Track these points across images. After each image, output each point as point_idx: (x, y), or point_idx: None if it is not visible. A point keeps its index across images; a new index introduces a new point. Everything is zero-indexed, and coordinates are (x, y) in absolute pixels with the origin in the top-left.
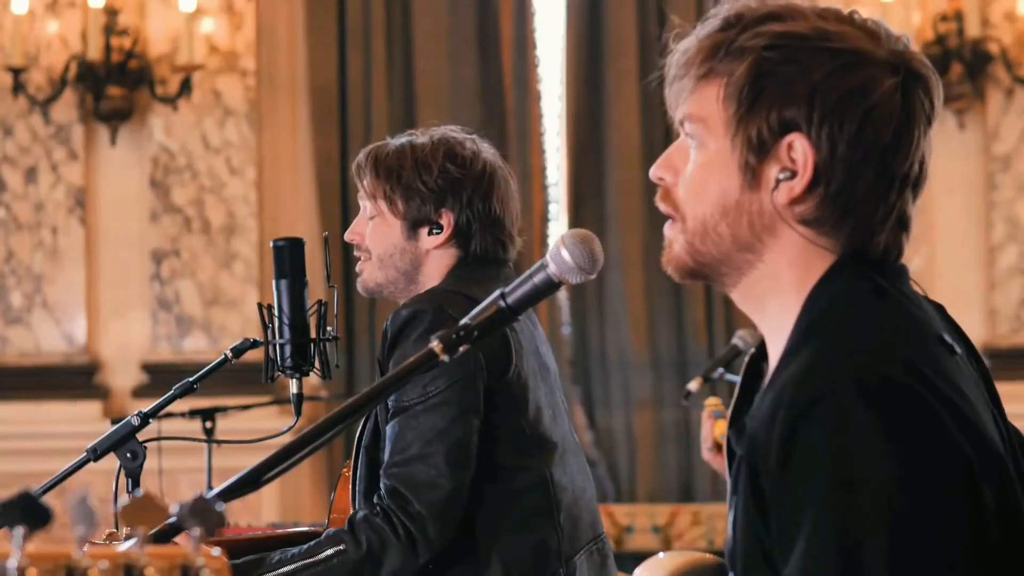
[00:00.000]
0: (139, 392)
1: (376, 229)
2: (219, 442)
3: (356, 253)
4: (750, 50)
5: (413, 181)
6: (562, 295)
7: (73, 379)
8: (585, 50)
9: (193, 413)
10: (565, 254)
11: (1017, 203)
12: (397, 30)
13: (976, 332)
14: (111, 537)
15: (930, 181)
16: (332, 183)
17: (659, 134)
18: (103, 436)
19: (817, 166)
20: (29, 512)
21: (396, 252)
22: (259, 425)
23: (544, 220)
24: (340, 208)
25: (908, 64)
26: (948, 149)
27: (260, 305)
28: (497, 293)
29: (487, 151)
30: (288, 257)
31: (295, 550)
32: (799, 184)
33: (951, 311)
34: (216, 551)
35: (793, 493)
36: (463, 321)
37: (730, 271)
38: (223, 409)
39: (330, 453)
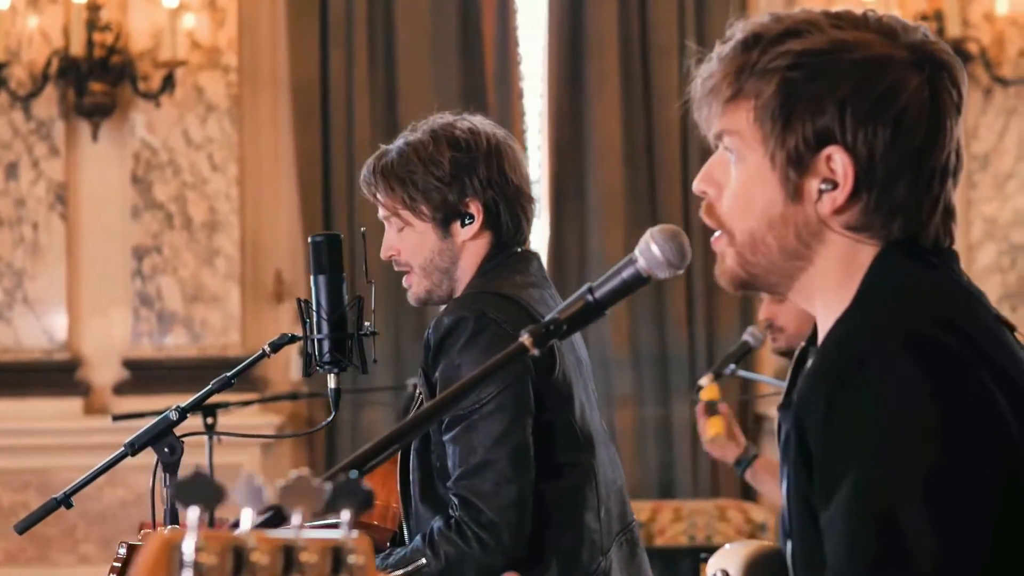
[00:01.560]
0: (120, 389)
1: (408, 240)
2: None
3: (397, 268)
4: (774, 71)
5: (428, 181)
6: None
7: (54, 375)
8: (567, 49)
9: (194, 409)
10: (655, 249)
11: (995, 202)
12: (379, 27)
13: None
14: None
15: None
16: (314, 179)
17: (641, 132)
18: (141, 430)
19: (857, 175)
20: (205, 492)
21: (435, 255)
22: (244, 422)
23: None
24: (322, 204)
25: (931, 57)
26: None
27: (299, 300)
28: (585, 288)
29: (482, 124)
30: (326, 252)
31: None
32: (841, 195)
33: None
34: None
35: (837, 444)
36: (551, 315)
37: (781, 279)
38: (225, 405)
39: (311, 449)
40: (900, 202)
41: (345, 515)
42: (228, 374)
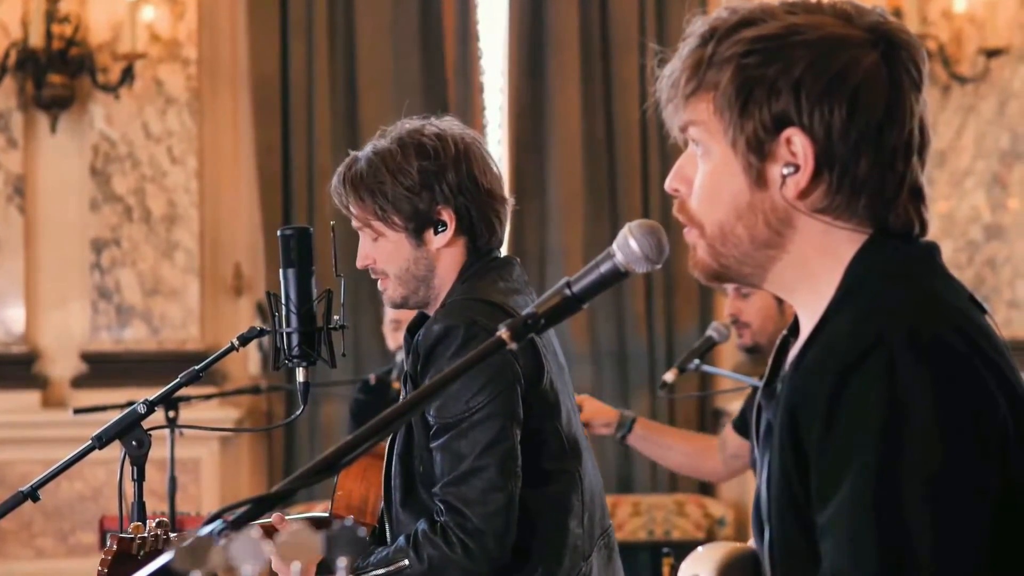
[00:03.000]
0: (78, 382)
1: (383, 249)
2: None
3: (373, 276)
4: (729, 60)
5: (398, 191)
6: None
7: (11, 369)
8: (527, 43)
9: (155, 403)
10: (633, 243)
11: (953, 198)
12: (340, 21)
13: None
14: (137, 530)
15: None
16: (273, 173)
17: (601, 127)
18: (108, 424)
19: (817, 156)
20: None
21: (410, 264)
22: (202, 415)
23: None
24: (281, 198)
25: (886, 35)
26: None
27: (268, 294)
28: (563, 282)
29: (450, 128)
30: (295, 246)
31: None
32: (804, 177)
33: None
34: None
35: (840, 440)
36: (528, 309)
37: (754, 269)
38: (186, 399)
39: (269, 443)
40: (863, 181)
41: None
42: (196, 368)
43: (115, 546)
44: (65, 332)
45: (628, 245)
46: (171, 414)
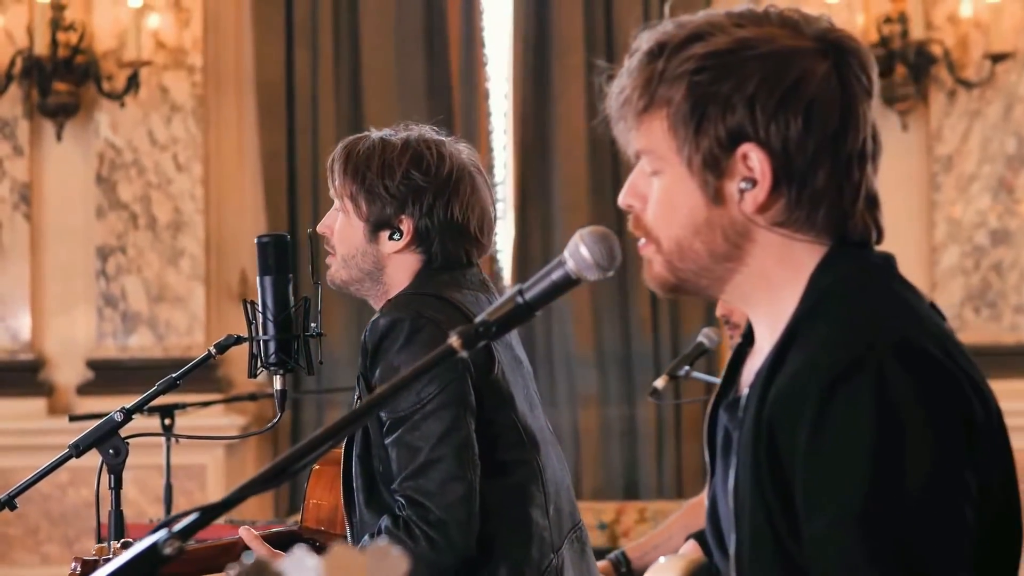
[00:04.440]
0: (84, 389)
1: (341, 227)
2: (183, 437)
3: (326, 247)
4: (680, 77)
5: (376, 185)
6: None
7: (17, 376)
8: (532, 48)
9: (152, 410)
10: (584, 251)
11: (959, 203)
12: (344, 26)
13: None
14: (100, 552)
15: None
16: (279, 179)
17: (606, 133)
18: (86, 432)
19: (775, 170)
20: None
21: (358, 254)
22: (207, 422)
23: None
24: (287, 205)
25: (835, 44)
26: (891, 149)
27: (245, 301)
28: (515, 289)
29: (461, 154)
30: (272, 253)
31: None
32: (762, 191)
33: None
34: None
35: (830, 452)
36: (480, 316)
37: (712, 282)
38: (182, 406)
39: (275, 448)
40: (821, 191)
41: None
42: (174, 375)
43: (79, 568)
44: (71, 339)
45: (579, 252)
46: (167, 421)
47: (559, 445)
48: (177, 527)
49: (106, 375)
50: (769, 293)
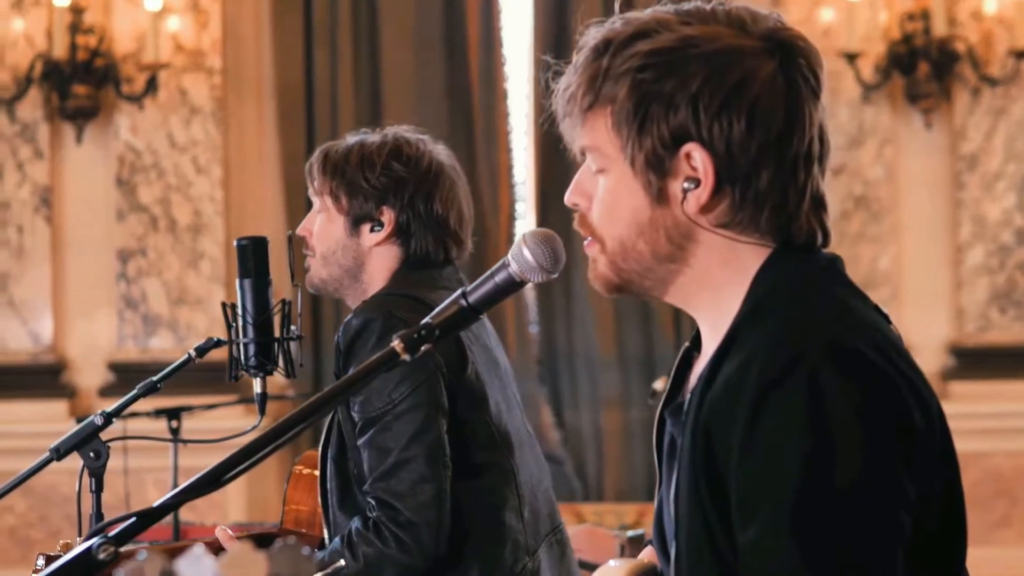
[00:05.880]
0: (105, 391)
1: (321, 226)
2: (184, 441)
3: (304, 250)
4: (624, 74)
5: (356, 178)
6: (529, 294)
7: (39, 378)
8: (552, 49)
9: (158, 412)
10: (527, 253)
11: (984, 202)
12: (363, 28)
13: (943, 331)
14: (65, 548)
15: (897, 180)
16: (298, 181)
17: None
18: (66, 435)
19: (718, 170)
20: None
21: (339, 249)
22: (224, 424)
23: (511, 219)
24: (306, 207)
25: (783, 43)
26: (915, 148)
27: (224, 304)
28: (459, 292)
29: (439, 152)
30: (252, 256)
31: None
32: (705, 192)
33: (918, 310)
34: None
35: (762, 458)
36: (424, 320)
37: (655, 283)
38: (188, 408)
39: (295, 451)
40: (765, 192)
41: None
42: (154, 379)
43: (44, 563)
44: (92, 342)
45: (522, 255)
46: (174, 423)
47: (539, 447)
48: (112, 532)
49: (127, 377)
50: (713, 295)
